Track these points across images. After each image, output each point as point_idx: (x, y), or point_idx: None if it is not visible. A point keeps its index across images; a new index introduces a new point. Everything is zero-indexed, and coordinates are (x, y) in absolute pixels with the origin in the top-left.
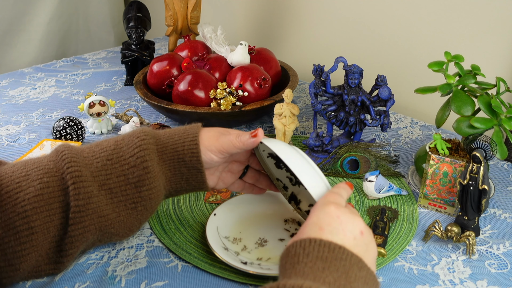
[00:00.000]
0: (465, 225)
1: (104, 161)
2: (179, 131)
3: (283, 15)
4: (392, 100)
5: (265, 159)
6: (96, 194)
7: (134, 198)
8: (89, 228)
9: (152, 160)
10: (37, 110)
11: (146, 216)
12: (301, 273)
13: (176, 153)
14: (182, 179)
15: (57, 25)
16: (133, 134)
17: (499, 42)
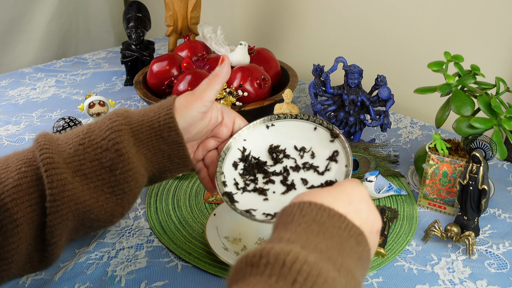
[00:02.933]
0: (465, 225)
1: (76, 146)
2: (154, 107)
3: (283, 15)
4: (392, 100)
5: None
6: (71, 181)
7: (110, 182)
8: (67, 216)
9: (125, 142)
10: (37, 110)
11: (128, 200)
12: (292, 232)
13: (153, 130)
14: (164, 158)
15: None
16: (106, 116)
17: (498, 42)
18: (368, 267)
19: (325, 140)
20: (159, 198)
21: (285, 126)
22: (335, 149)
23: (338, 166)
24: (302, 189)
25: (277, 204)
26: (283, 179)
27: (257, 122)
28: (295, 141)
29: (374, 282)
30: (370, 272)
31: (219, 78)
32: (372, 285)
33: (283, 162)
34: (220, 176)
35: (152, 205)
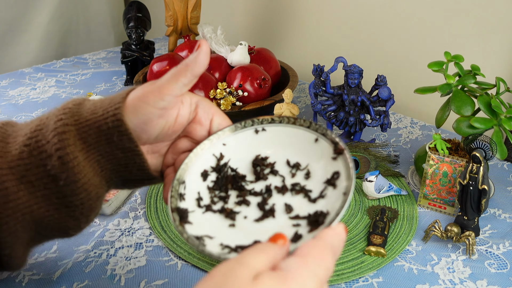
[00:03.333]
0: (465, 225)
1: (21, 147)
2: (105, 101)
3: (283, 15)
4: (392, 100)
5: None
6: (15, 190)
7: (57, 193)
8: (15, 228)
9: (70, 147)
10: (37, 110)
11: (82, 213)
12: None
13: (102, 133)
14: (120, 166)
15: (57, 25)
16: (57, 109)
17: (499, 42)
18: None
19: (326, 156)
20: (159, 198)
21: (279, 133)
22: (337, 169)
23: (335, 193)
24: (282, 218)
25: (244, 234)
26: (261, 201)
27: (244, 124)
28: (289, 154)
29: (374, 282)
30: (370, 272)
31: (190, 69)
32: (372, 285)
33: (267, 179)
34: (177, 185)
35: (152, 205)
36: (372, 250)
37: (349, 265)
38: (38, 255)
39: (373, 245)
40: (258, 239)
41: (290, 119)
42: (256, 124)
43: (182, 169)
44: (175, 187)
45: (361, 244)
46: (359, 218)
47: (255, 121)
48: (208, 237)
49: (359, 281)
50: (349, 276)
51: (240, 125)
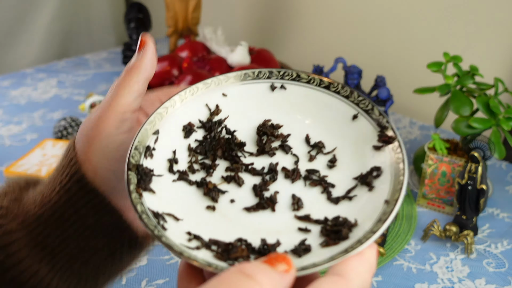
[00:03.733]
0: (464, 225)
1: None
2: (51, 180)
3: (283, 16)
4: (391, 101)
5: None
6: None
7: None
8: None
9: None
10: (38, 111)
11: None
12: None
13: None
14: (91, 243)
15: (59, 26)
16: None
17: (497, 43)
18: None
19: (365, 142)
20: None
21: (303, 97)
22: (377, 164)
23: (371, 198)
24: (285, 215)
25: (224, 224)
26: (260, 184)
27: (256, 73)
28: (312, 128)
29: (373, 281)
30: None
31: (137, 71)
32: (372, 284)
33: (274, 155)
34: (146, 135)
35: None
36: None
37: None
38: None
39: None
40: (243, 237)
41: (323, 81)
42: (274, 77)
43: (159, 114)
44: (142, 135)
45: None
46: None
47: (273, 73)
48: (172, 217)
49: None
50: None
51: (251, 74)
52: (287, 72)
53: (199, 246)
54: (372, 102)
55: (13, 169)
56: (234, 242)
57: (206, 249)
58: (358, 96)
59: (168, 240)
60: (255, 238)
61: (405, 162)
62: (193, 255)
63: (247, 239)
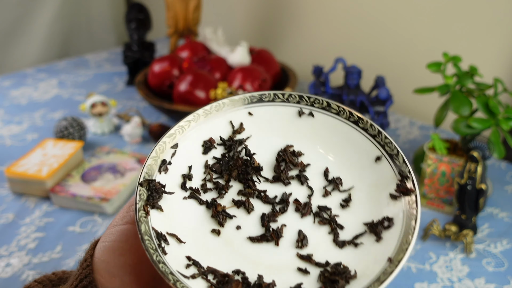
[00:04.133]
0: (463, 224)
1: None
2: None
3: (283, 16)
4: (390, 101)
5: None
6: None
7: None
8: None
9: None
10: (39, 111)
11: None
12: None
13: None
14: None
15: (59, 26)
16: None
17: (497, 43)
18: None
19: (383, 188)
20: None
21: (329, 128)
22: (390, 214)
23: (376, 250)
24: (287, 252)
25: (226, 252)
26: (268, 214)
27: (286, 96)
28: (332, 162)
29: None
30: None
31: None
32: None
33: (289, 184)
34: (164, 147)
35: None
36: None
37: None
38: (42, 255)
39: None
40: (241, 269)
41: (353, 115)
42: (304, 103)
43: (180, 128)
44: (160, 148)
45: None
46: None
47: (303, 98)
48: (175, 238)
49: None
50: None
51: (281, 96)
52: (318, 100)
53: (196, 274)
54: (397, 147)
55: (14, 169)
56: (231, 274)
57: (202, 279)
58: (385, 138)
59: (165, 269)
60: (253, 271)
61: (417, 221)
62: (186, 285)
63: (245, 272)
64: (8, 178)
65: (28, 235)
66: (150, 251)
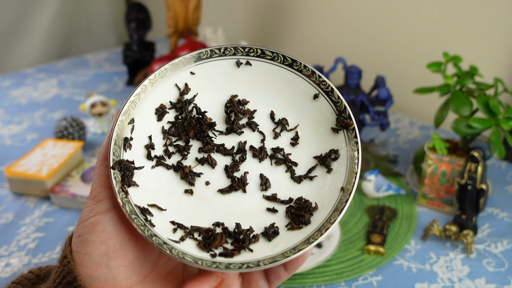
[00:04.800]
0: (463, 224)
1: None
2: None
3: (283, 16)
4: (391, 101)
5: None
6: None
7: None
8: None
9: None
10: (39, 110)
11: None
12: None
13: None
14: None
15: (59, 26)
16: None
17: (497, 43)
18: None
19: (324, 122)
20: None
21: (267, 73)
22: (335, 146)
23: (329, 181)
24: (255, 196)
25: (202, 208)
26: (231, 165)
27: (222, 50)
28: (276, 105)
29: (373, 281)
30: (369, 271)
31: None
32: (372, 283)
33: (242, 133)
34: (123, 126)
35: None
36: (371, 249)
37: (348, 264)
38: (42, 255)
39: (372, 244)
40: (219, 221)
41: (287, 58)
42: (240, 54)
43: (132, 103)
44: (119, 127)
45: (360, 243)
46: (359, 217)
47: (239, 49)
48: (156, 208)
49: (359, 279)
50: (348, 274)
51: (217, 51)
52: (252, 49)
53: (183, 236)
54: (331, 85)
55: (14, 169)
56: (213, 228)
57: (190, 239)
58: (319, 77)
59: (158, 240)
60: (230, 220)
61: (359, 151)
62: (181, 251)
63: (224, 222)
64: (8, 178)
65: (28, 235)
66: (141, 228)
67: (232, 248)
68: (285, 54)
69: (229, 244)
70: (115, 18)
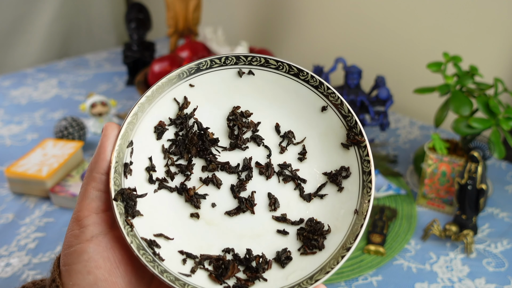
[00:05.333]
0: (463, 224)
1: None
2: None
3: (283, 16)
4: (391, 101)
5: None
6: None
7: None
8: None
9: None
10: (39, 110)
11: None
12: None
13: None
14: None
15: (59, 26)
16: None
17: (497, 43)
18: None
19: (333, 136)
20: None
21: (271, 83)
22: (346, 164)
23: (340, 201)
24: (264, 217)
25: (211, 234)
26: (237, 184)
27: (223, 60)
28: (281, 116)
29: (373, 281)
30: (369, 271)
31: (93, 169)
32: (372, 283)
33: (246, 148)
34: (122, 150)
35: None
36: (371, 249)
37: (348, 264)
38: (42, 255)
39: (372, 244)
40: (229, 246)
41: (293, 68)
42: (242, 63)
43: (130, 124)
44: (118, 153)
45: (360, 243)
46: None
47: (241, 58)
48: (163, 238)
49: (359, 279)
50: (348, 274)
51: (218, 61)
52: (255, 57)
53: (194, 267)
54: (341, 98)
55: (14, 169)
56: (223, 255)
57: (200, 269)
58: (327, 89)
59: (170, 277)
60: (240, 244)
61: (372, 171)
62: (193, 285)
63: (234, 248)
64: (8, 178)
65: (28, 235)
66: (150, 265)
67: (245, 278)
68: (291, 63)
69: (241, 273)
70: (115, 18)
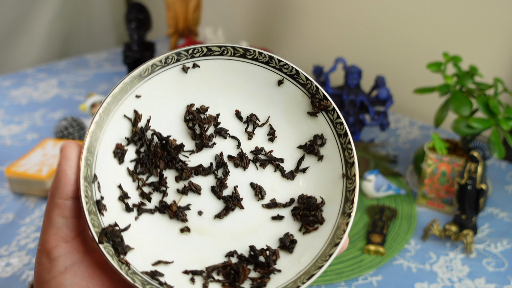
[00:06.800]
0: (463, 224)
1: None
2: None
3: (283, 16)
4: (390, 101)
5: None
6: None
7: None
8: None
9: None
10: (39, 110)
11: None
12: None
13: None
14: None
15: (60, 26)
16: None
17: (497, 43)
18: None
19: (296, 108)
20: None
21: (220, 71)
22: (318, 131)
23: (325, 168)
24: (253, 208)
25: (208, 244)
26: (217, 184)
27: (164, 60)
28: (238, 101)
29: (373, 281)
30: (369, 271)
31: (54, 195)
32: (372, 283)
33: (214, 145)
34: (89, 189)
35: None
36: (371, 248)
37: (348, 264)
38: None
39: (372, 243)
40: (231, 249)
41: (238, 49)
42: (184, 59)
43: (88, 161)
44: (85, 193)
45: (360, 243)
46: (359, 217)
47: (182, 53)
48: (163, 264)
49: (359, 279)
50: (348, 274)
51: (158, 63)
52: (196, 49)
53: (205, 283)
54: (295, 67)
55: (14, 169)
56: (228, 260)
57: (212, 282)
58: (279, 61)
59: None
60: (241, 244)
61: (348, 132)
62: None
63: (236, 249)
64: (8, 178)
65: (28, 235)
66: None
67: (259, 276)
68: (235, 46)
69: (252, 272)
70: (115, 18)
